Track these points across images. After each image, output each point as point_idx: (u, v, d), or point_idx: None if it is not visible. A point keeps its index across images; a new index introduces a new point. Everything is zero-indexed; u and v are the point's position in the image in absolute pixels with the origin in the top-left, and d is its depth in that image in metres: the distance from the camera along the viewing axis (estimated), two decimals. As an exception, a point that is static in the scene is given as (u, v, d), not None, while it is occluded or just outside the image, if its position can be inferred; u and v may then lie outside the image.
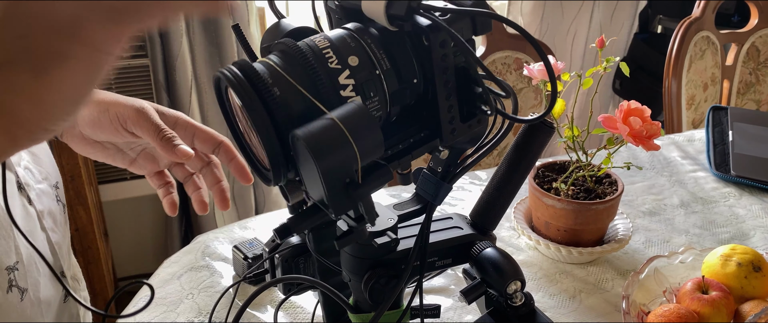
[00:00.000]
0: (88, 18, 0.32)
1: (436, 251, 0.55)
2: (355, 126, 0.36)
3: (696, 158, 1.20)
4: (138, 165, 0.67)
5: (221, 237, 0.91)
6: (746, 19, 1.75)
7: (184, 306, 0.78)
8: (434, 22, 0.39)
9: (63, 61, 0.32)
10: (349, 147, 0.36)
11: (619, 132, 0.77)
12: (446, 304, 0.79)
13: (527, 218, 0.92)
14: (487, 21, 0.41)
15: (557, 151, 1.98)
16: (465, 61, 0.42)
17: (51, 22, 0.31)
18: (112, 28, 0.32)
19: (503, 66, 1.51)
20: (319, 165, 0.35)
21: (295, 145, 0.37)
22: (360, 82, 0.40)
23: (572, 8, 2.12)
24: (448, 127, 0.42)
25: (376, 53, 0.41)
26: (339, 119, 0.36)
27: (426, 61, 0.41)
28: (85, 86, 0.34)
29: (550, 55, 1.21)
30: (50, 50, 0.32)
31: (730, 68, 1.73)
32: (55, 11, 0.31)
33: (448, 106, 0.41)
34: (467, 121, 0.42)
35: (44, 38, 0.32)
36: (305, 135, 0.35)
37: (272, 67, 0.39)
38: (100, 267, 1.57)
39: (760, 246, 0.93)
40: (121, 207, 1.91)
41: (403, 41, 0.42)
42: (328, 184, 0.36)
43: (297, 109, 0.38)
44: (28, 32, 0.32)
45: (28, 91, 0.32)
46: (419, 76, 0.42)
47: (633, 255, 0.90)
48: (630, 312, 0.71)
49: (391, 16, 0.39)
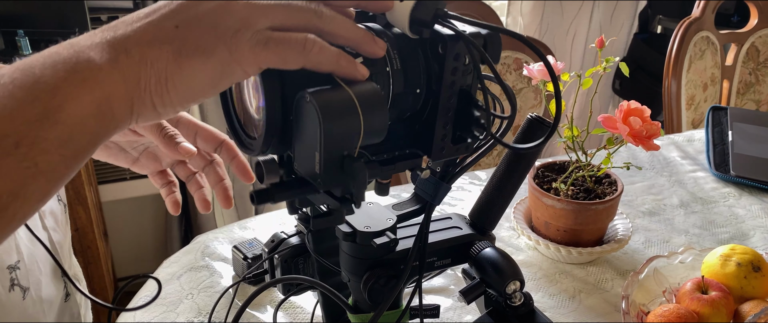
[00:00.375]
0: (244, 35, 0.35)
1: (435, 251, 0.55)
2: (367, 101, 0.36)
3: (696, 158, 1.20)
4: (140, 165, 0.66)
5: (221, 238, 0.91)
6: (746, 19, 1.75)
7: (183, 306, 0.78)
8: (456, 32, 0.39)
9: (206, 56, 0.35)
10: (356, 118, 0.36)
11: (618, 132, 0.77)
12: (445, 304, 0.79)
13: (527, 218, 0.92)
14: (498, 49, 0.42)
15: (557, 151, 1.98)
16: (468, 84, 0.42)
17: (215, 25, 0.35)
18: (260, 52, 0.36)
19: (503, 66, 1.51)
20: (324, 126, 0.35)
21: (300, 107, 0.37)
22: (371, 72, 0.40)
23: (572, 8, 2.12)
24: (439, 143, 0.42)
25: (390, 52, 0.41)
26: (353, 91, 0.36)
27: (433, 75, 0.42)
28: (210, 86, 0.37)
29: (549, 56, 1.21)
30: (199, 44, 0.35)
31: (730, 68, 1.73)
32: (225, 18, 0.35)
33: (444, 123, 0.42)
34: (457, 143, 0.43)
35: (201, 33, 0.35)
36: (317, 95, 0.35)
37: None
38: (99, 267, 1.57)
39: (759, 246, 0.93)
40: (121, 208, 1.91)
41: (416, 51, 0.42)
42: (327, 150, 0.36)
43: (307, 77, 0.38)
44: (190, 24, 0.35)
45: (162, 66, 0.35)
46: (423, 88, 0.42)
47: (632, 255, 0.90)
48: (629, 313, 0.71)
49: (414, 20, 0.40)
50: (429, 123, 0.42)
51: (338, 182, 0.38)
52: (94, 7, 1.64)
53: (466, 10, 1.48)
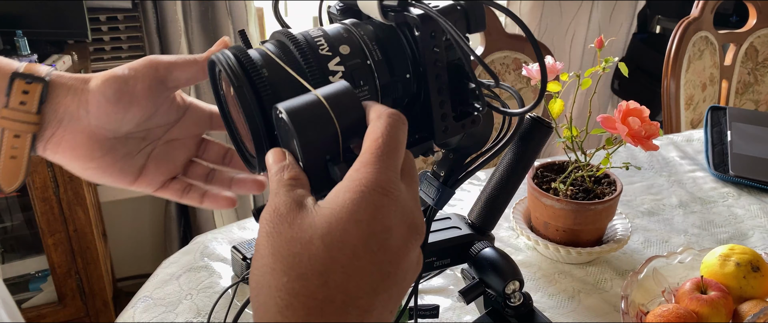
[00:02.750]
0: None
1: (434, 251, 0.55)
2: (338, 102, 0.36)
3: (694, 158, 1.20)
4: (147, 175, 0.55)
5: (220, 238, 0.91)
6: (745, 19, 1.75)
7: (182, 307, 0.78)
8: (425, 12, 0.39)
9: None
10: (330, 122, 0.36)
11: (617, 132, 0.77)
12: (445, 304, 0.79)
13: (526, 218, 0.92)
14: (480, 17, 0.41)
15: (556, 151, 1.98)
16: (458, 58, 0.42)
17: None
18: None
19: (502, 66, 1.51)
20: (299, 138, 0.35)
21: (278, 121, 0.37)
22: (350, 70, 0.40)
23: (571, 8, 2.12)
24: (440, 124, 0.42)
25: (368, 44, 0.41)
26: (322, 95, 0.36)
27: (419, 57, 0.41)
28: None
29: (548, 55, 1.21)
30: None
31: (729, 68, 1.73)
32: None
33: (439, 102, 0.41)
34: (461, 120, 0.42)
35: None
36: (287, 107, 0.35)
37: (264, 52, 0.40)
38: (98, 267, 1.57)
39: (758, 246, 0.93)
40: (120, 208, 1.91)
41: (397, 37, 0.42)
42: (307, 159, 0.36)
43: (284, 90, 0.39)
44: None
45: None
46: (412, 72, 0.42)
47: (632, 255, 0.90)
48: (629, 312, 0.71)
49: (384, 8, 0.40)
50: (427, 105, 0.42)
51: (328, 186, 0.38)
52: (93, 8, 1.64)
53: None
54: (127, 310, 0.79)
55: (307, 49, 0.40)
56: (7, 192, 0.53)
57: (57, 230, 1.48)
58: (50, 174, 1.41)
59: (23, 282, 1.62)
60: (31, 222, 1.56)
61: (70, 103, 0.48)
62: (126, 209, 1.93)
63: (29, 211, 1.49)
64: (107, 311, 1.63)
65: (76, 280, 1.56)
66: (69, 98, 0.48)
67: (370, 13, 0.41)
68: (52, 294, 1.58)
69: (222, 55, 0.39)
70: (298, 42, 0.40)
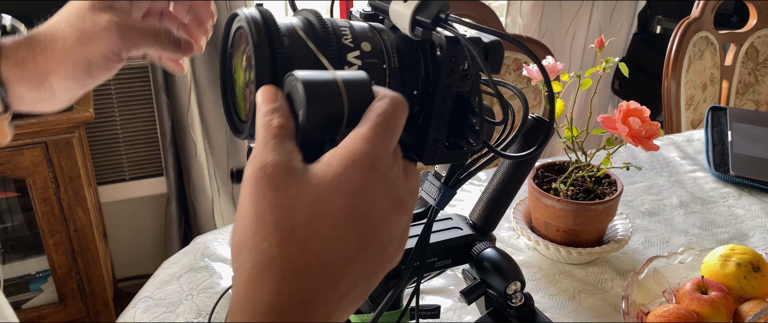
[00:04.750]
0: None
1: (435, 251, 0.55)
2: (353, 88, 0.36)
3: (695, 158, 1.20)
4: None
5: (220, 238, 0.92)
6: (745, 19, 1.75)
7: (183, 307, 0.78)
8: (455, 34, 0.39)
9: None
10: (340, 104, 0.35)
11: (618, 132, 0.78)
12: (446, 305, 0.79)
13: (527, 218, 0.92)
14: (499, 58, 0.42)
15: (556, 152, 1.99)
16: (467, 90, 0.42)
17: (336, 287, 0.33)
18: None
19: (502, 66, 1.51)
20: (307, 110, 0.35)
21: (289, 89, 0.37)
22: (366, 67, 0.41)
23: (571, 8, 2.12)
24: (432, 147, 0.42)
25: (389, 50, 0.42)
26: (340, 78, 0.36)
27: (432, 78, 0.41)
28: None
29: (548, 56, 1.21)
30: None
31: (729, 68, 1.73)
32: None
33: (438, 126, 0.42)
34: (451, 150, 0.43)
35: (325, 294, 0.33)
36: (303, 77, 0.35)
37: (289, 24, 0.40)
38: (99, 268, 1.57)
39: (759, 247, 0.93)
40: (121, 209, 1.91)
41: (416, 53, 0.42)
42: (307, 133, 0.35)
43: (299, 64, 0.38)
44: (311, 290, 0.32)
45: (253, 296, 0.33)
46: (420, 90, 0.42)
47: (632, 255, 0.90)
48: (629, 313, 0.71)
49: (416, 21, 0.40)
50: (424, 127, 0.42)
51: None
52: (94, 8, 1.64)
53: (465, 10, 1.49)
54: (127, 311, 0.79)
55: (332, 33, 0.40)
56: None
57: (57, 230, 1.48)
58: (51, 175, 1.41)
59: (24, 283, 1.62)
60: (31, 223, 1.56)
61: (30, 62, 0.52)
62: (127, 209, 1.93)
63: (30, 212, 1.49)
64: (108, 311, 1.63)
65: (76, 281, 1.56)
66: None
67: (398, 24, 0.41)
68: (52, 294, 1.58)
69: (247, 11, 0.39)
70: (325, 24, 0.40)
